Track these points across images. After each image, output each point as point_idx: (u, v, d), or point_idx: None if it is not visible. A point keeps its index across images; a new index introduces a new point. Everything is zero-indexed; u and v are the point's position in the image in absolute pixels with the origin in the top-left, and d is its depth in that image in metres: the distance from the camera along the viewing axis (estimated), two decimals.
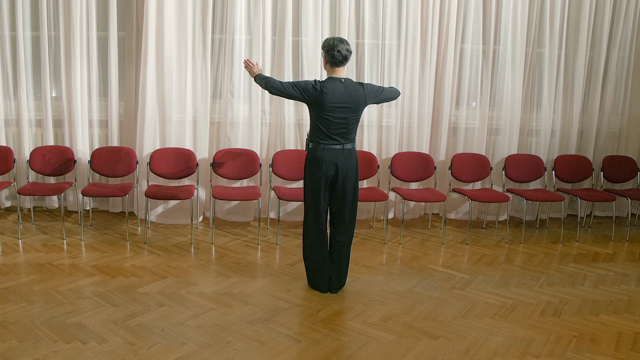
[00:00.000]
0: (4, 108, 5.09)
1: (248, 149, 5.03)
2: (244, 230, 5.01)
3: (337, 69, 3.53)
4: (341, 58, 3.48)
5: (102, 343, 2.98)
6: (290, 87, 3.52)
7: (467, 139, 5.32)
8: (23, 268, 3.97)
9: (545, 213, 5.51)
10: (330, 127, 3.50)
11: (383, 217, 5.22)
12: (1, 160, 4.94)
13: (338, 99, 3.45)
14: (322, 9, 4.97)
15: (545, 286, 3.92)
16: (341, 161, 3.54)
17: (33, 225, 4.97)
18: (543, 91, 5.30)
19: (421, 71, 5.12)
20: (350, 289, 3.79)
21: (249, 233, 4.94)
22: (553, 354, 2.99)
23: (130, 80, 5.09)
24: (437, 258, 4.47)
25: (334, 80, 3.49)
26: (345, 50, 3.47)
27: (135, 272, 3.99)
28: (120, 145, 5.16)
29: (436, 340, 3.12)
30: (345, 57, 3.49)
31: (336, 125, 3.49)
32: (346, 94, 3.47)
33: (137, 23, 4.98)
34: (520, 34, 5.13)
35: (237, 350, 2.96)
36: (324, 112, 3.47)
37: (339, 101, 3.45)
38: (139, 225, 5.08)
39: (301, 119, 5.13)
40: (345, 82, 3.51)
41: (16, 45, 4.97)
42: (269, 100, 5.11)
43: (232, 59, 4.97)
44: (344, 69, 3.54)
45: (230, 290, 3.72)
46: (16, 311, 3.29)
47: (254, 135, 5.09)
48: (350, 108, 3.48)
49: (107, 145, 5.16)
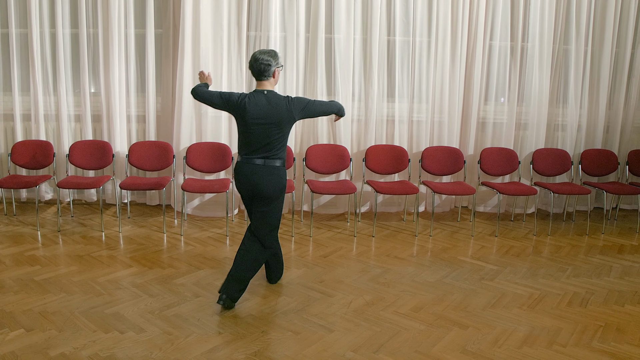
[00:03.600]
0: (44, 104, 5.20)
1: None
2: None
3: (260, 82, 3.34)
4: (253, 72, 3.32)
5: (140, 333, 3.02)
6: (216, 96, 3.41)
7: (496, 133, 5.41)
8: (62, 260, 4.04)
9: (572, 206, 5.60)
10: (251, 142, 3.32)
11: (414, 210, 5.34)
12: (41, 155, 5.05)
13: (259, 114, 3.27)
14: (354, 6, 5.06)
15: (571, 277, 3.97)
16: (259, 178, 3.33)
17: (72, 217, 5.06)
18: (569, 87, 5.39)
19: (451, 68, 5.20)
20: (381, 280, 3.84)
21: (283, 225, 4.96)
22: (579, 344, 3.01)
23: (167, 77, 5.19)
24: (466, 250, 4.52)
25: (257, 94, 3.32)
26: (258, 64, 3.27)
27: (172, 263, 4.04)
28: (157, 139, 5.26)
29: (465, 329, 3.15)
30: (258, 71, 3.29)
31: (257, 140, 3.30)
32: (269, 108, 3.27)
33: (173, 20, 5.09)
34: (547, 31, 5.21)
35: (271, 339, 3.00)
36: (244, 126, 3.32)
37: (259, 116, 3.27)
38: (175, 217, 5.16)
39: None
40: (268, 94, 3.31)
41: (56, 43, 5.09)
42: (302, 95, 5.14)
43: None
44: (268, 82, 3.33)
45: (264, 281, 3.76)
46: (56, 301, 3.35)
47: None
48: (273, 124, 3.28)
49: (145, 139, 5.26)
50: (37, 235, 4.55)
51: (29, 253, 4.14)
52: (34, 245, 4.31)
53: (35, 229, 4.69)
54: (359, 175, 5.29)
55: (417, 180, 5.26)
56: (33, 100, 5.16)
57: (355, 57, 5.18)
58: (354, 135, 5.31)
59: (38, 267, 3.88)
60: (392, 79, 5.26)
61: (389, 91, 5.29)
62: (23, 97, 5.22)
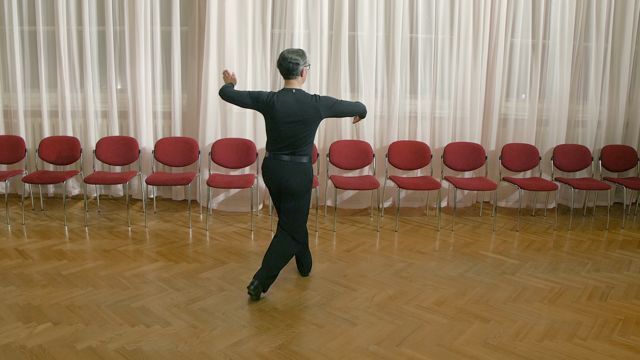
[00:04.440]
0: (71, 100, 5.27)
1: None
2: None
3: (289, 81, 3.39)
4: (282, 70, 3.36)
5: (166, 326, 3.05)
6: (245, 96, 3.45)
7: (517, 129, 5.46)
8: (89, 254, 4.09)
9: (592, 201, 5.66)
10: (279, 139, 3.38)
11: (436, 205, 5.40)
12: (68, 150, 5.12)
13: (287, 113, 3.32)
14: (377, 4, 5.12)
15: (592, 271, 4.00)
16: (286, 174, 3.40)
17: (99, 212, 5.12)
18: (590, 84, 5.44)
19: (473, 64, 5.25)
20: (404, 274, 3.88)
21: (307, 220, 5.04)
22: (600, 337, 3.03)
23: (193, 73, 5.25)
24: (488, 244, 4.55)
25: (286, 92, 3.37)
26: (287, 63, 3.31)
27: (198, 257, 4.09)
28: (183, 135, 5.32)
29: (487, 323, 3.17)
30: (287, 69, 3.33)
31: (285, 137, 3.36)
32: (297, 106, 3.32)
33: (199, 18, 5.15)
34: (568, 29, 5.26)
35: (295, 332, 3.03)
36: (273, 124, 3.38)
37: (288, 115, 3.32)
38: (201, 212, 5.22)
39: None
40: (296, 93, 3.36)
41: (83, 40, 5.15)
42: (326, 92, 5.25)
43: None
44: (297, 81, 3.37)
45: (288, 275, 3.80)
46: (83, 295, 3.40)
47: None
48: (300, 122, 3.33)
49: (170, 135, 5.32)
50: (64, 230, 4.63)
51: (57, 248, 4.20)
52: (61, 240, 4.37)
53: (62, 224, 4.76)
54: (381, 171, 5.35)
55: (439, 176, 5.33)
56: (60, 96, 5.23)
57: (378, 54, 5.24)
58: (376, 131, 5.37)
59: (65, 261, 3.94)
60: (414, 76, 5.32)
61: (412, 88, 5.34)
62: (50, 94, 5.29)
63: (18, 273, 3.69)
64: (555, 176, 5.40)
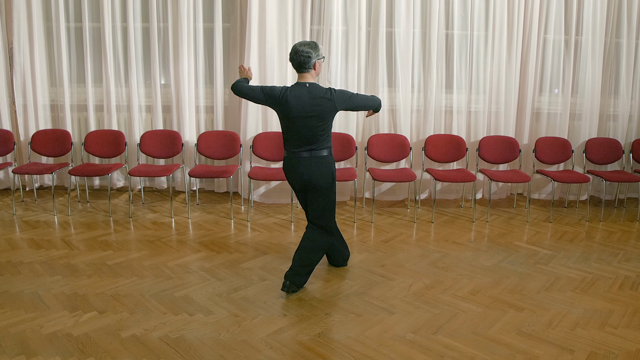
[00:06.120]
0: (116, 95, 5.39)
1: (345, 133, 5.28)
2: (341, 209, 5.20)
3: (301, 75, 3.28)
4: (294, 64, 3.27)
5: (208, 315, 3.09)
6: (258, 91, 3.34)
7: (550, 123, 5.57)
8: (134, 245, 4.18)
9: (624, 193, 5.76)
10: (296, 136, 3.29)
11: (471, 197, 5.51)
12: (113, 144, 5.25)
13: (301, 107, 3.22)
14: (413, 1, 5.23)
15: (623, 262, 4.05)
16: (308, 170, 3.32)
17: (143, 204, 5.24)
18: (621, 79, 5.55)
19: (507, 60, 5.37)
20: (440, 264, 3.94)
21: (346, 212, 5.13)
22: (630, 325, 3.05)
23: (235, 69, 5.35)
24: (521, 235, 4.62)
25: (299, 86, 3.26)
26: (298, 56, 3.21)
27: (239, 248, 4.16)
28: (224, 129, 5.44)
29: (521, 312, 3.21)
30: (298, 63, 3.23)
31: (301, 133, 3.27)
32: (310, 101, 3.21)
33: (241, 15, 5.27)
34: (599, 25, 5.36)
35: (334, 321, 3.07)
36: (287, 120, 3.29)
37: (302, 110, 3.22)
38: (242, 204, 5.34)
39: (394, 104, 5.40)
40: (310, 87, 3.25)
41: (127, 36, 5.28)
42: (364, 87, 5.37)
43: (329, 49, 5.22)
44: (309, 74, 3.27)
45: (327, 266, 3.85)
46: (127, 285, 3.46)
47: (350, 120, 5.34)
48: (315, 116, 3.22)
49: (213, 129, 5.44)
50: (109, 221, 4.73)
51: (102, 238, 4.29)
52: (106, 231, 4.47)
53: (107, 215, 4.87)
54: (418, 164, 5.47)
55: (474, 169, 5.44)
56: (105, 91, 5.36)
57: (415, 50, 5.35)
58: (413, 125, 5.48)
59: (110, 251, 4.02)
60: (450, 71, 5.43)
61: (447, 83, 5.45)
62: (96, 89, 5.42)
63: (64, 263, 3.78)
64: (587, 169, 5.50)
